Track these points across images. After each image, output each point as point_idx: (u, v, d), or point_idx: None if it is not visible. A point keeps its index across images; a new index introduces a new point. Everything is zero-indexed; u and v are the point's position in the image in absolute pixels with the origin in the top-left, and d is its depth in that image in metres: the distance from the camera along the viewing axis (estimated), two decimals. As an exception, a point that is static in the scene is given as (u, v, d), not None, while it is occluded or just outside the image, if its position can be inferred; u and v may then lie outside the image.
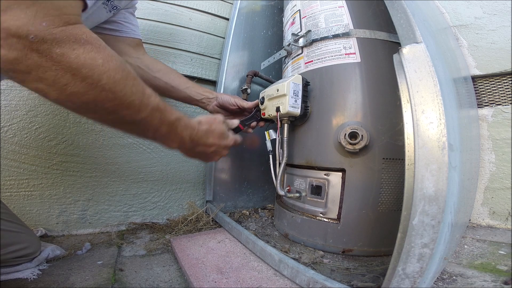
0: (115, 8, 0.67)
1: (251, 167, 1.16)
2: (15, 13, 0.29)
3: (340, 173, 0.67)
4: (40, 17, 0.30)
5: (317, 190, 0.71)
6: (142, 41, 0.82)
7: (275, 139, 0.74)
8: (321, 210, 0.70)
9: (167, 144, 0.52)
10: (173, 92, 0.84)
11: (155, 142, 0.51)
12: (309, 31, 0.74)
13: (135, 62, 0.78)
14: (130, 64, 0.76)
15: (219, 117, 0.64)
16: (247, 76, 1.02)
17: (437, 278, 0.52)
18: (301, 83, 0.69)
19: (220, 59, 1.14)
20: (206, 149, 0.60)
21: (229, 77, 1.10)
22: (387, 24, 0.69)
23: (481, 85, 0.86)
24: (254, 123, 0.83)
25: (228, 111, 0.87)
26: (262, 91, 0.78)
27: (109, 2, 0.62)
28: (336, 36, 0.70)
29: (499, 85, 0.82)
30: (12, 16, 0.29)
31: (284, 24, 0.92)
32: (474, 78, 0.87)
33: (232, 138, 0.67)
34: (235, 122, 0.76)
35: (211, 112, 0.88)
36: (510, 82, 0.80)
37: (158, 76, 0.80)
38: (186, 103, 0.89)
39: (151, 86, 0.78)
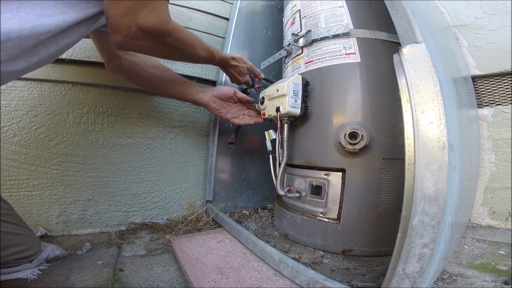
0: None
1: (251, 167, 1.16)
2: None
3: (340, 173, 0.67)
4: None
5: (317, 190, 0.71)
6: None
7: (275, 139, 0.74)
8: (321, 210, 0.70)
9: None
10: (167, 87, 0.86)
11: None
12: (309, 31, 0.74)
13: (130, 58, 0.79)
14: (125, 60, 0.78)
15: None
16: (247, 76, 1.02)
17: (437, 278, 0.52)
18: (301, 83, 0.69)
19: (220, 59, 1.14)
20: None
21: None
22: (387, 24, 0.69)
23: (481, 85, 0.86)
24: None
25: (225, 100, 0.89)
26: (262, 91, 0.78)
27: None
28: (336, 36, 0.70)
29: (499, 85, 0.82)
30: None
31: (284, 24, 0.92)
32: (474, 78, 0.87)
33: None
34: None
35: (207, 102, 0.88)
36: (510, 82, 0.80)
37: (152, 71, 0.83)
38: (180, 98, 0.89)
39: (144, 80, 0.85)
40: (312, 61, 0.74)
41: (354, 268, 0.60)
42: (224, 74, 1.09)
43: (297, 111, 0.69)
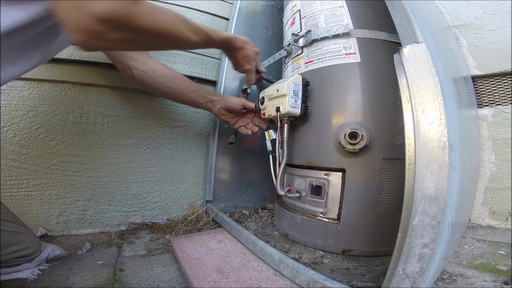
0: None
1: (251, 167, 1.16)
2: None
3: (340, 173, 0.67)
4: None
5: (317, 190, 0.71)
6: None
7: (275, 139, 0.74)
8: (321, 210, 0.70)
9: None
10: (178, 96, 0.87)
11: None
12: (309, 31, 0.74)
13: (140, 67, 0.80)
14: (135, 69, 0.79)
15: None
16: (247, 76, 1.02)
17: (437, 278, 0.52)
18: (301, 83, 0.69)
19: (220, 59, 1.14)
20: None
21: (229, 77, 1.10)
22: (387, 24, 0.69)
23: (481, 85, 0.86)
24: (256, 128, 0.88)
25: (233, 113, 0.88)
26: (262, 91, 0.78)
27: None
28: (336, 36, 0.70)
29: (499, 85, 0.82)
30: None
31: (284, 24, 0.91)
32: (474, 78, 0.87)
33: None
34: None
35: (216, 114, 0.90)
36: (510, 82, 0.80)
37: (162, 81, 0.83)
38: (191, 106, 0.92)
39: (156, 90, 0.85)
40: (312, 61, 0.74)
41: (354, 268, 0.60)
42: (225, 74, 1.09)
43: (297, 111, 0.69)
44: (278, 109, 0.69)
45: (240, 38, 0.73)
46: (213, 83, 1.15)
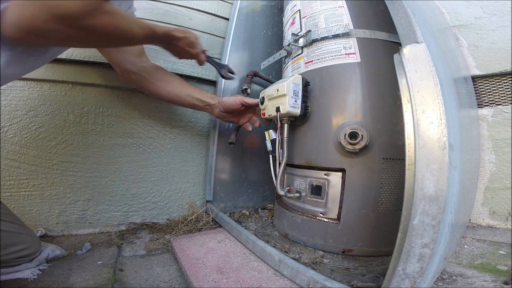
0: None
1: (251, 167, 1.16)
2: None
3: (340, 173, 0.67)
4: None
5: (317, 190, 0.71)
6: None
7: (275, 139, 0.74)
8: (321, 210, 0.70)
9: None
10: (177, 100, 0.89)
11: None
12: (309, 31, 0.74)
13: (138, 71, 0.81)
14: (134, 74, 0.80)
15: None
16: (247, 76, 1.02)
17: (437, 278, 0.52)
18: (301, 83, 0.69)
19: (220, 59, 1.14)
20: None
21: (229, 77, 1.10)
22: (387, 24, 0.69)
23: (481, 85, 0.86)
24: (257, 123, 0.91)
25: (233, 113, 0.90)
26: (262, 91, 0.78)
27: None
28: (336, 36, 0.70)
29: (499, 85, 0.82)
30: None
31: (284, 24, 0.92)
32: (474, 78, 0.87)
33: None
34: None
35: (218, 118, 0.92)
36: (510, 82, 0.80)
37: (160, 85, 0.84)
38: (191, 109, 0.94)
39: (154, 94, 0.87)
40: (312, 61, 0.74)
41: (354, 268, 0.60)
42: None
43: (297, 111, 0.69)
44: (278, 109, 0.69)
45: (179, 29, 0.74)
46: (213, 83, 1.14)
